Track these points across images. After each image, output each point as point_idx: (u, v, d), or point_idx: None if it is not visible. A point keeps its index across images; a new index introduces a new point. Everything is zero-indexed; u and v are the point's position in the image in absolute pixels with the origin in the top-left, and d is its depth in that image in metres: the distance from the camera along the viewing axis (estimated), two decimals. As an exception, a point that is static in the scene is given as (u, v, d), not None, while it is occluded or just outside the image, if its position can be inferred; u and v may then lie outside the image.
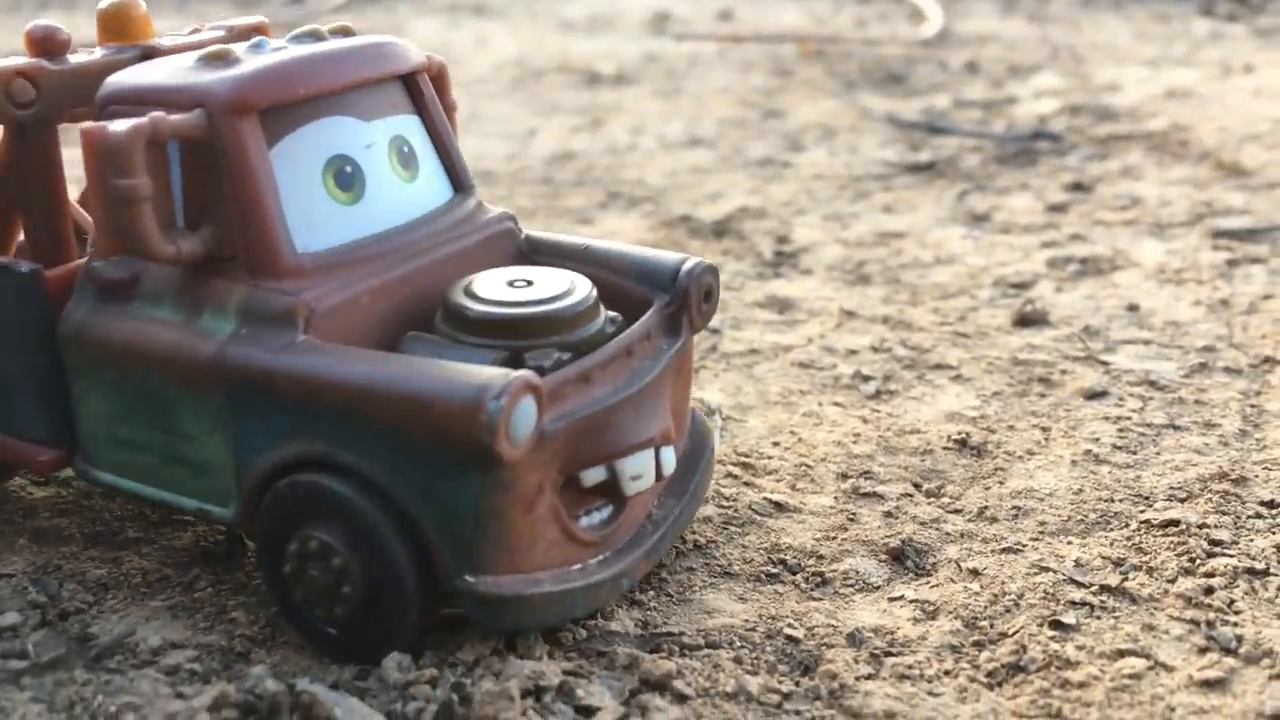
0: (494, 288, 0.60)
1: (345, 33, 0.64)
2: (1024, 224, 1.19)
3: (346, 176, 0.60)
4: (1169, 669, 0.56)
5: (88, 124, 0.54)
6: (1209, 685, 0.55)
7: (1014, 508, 0.70)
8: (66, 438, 0.63)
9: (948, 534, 0.67)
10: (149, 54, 0.66)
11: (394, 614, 0.55)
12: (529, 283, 0.60)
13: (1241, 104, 1.61)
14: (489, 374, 0.52)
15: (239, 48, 0.60)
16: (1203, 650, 0.57)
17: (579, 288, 0.60)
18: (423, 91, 0.65)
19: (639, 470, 0.58)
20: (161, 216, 0.56)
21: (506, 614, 0.55)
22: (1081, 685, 0.55)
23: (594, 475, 0.57)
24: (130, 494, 0.62)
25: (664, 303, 0.64)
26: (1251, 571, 0.63)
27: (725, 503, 0.71)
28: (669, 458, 0.60)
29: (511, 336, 0.58)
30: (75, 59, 0.65)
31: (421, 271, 0.61)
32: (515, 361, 0.57)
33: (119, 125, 0.54)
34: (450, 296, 0.59)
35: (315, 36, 0.62)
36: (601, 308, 0.61)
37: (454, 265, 0.63)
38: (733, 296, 1.02)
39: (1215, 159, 1.37)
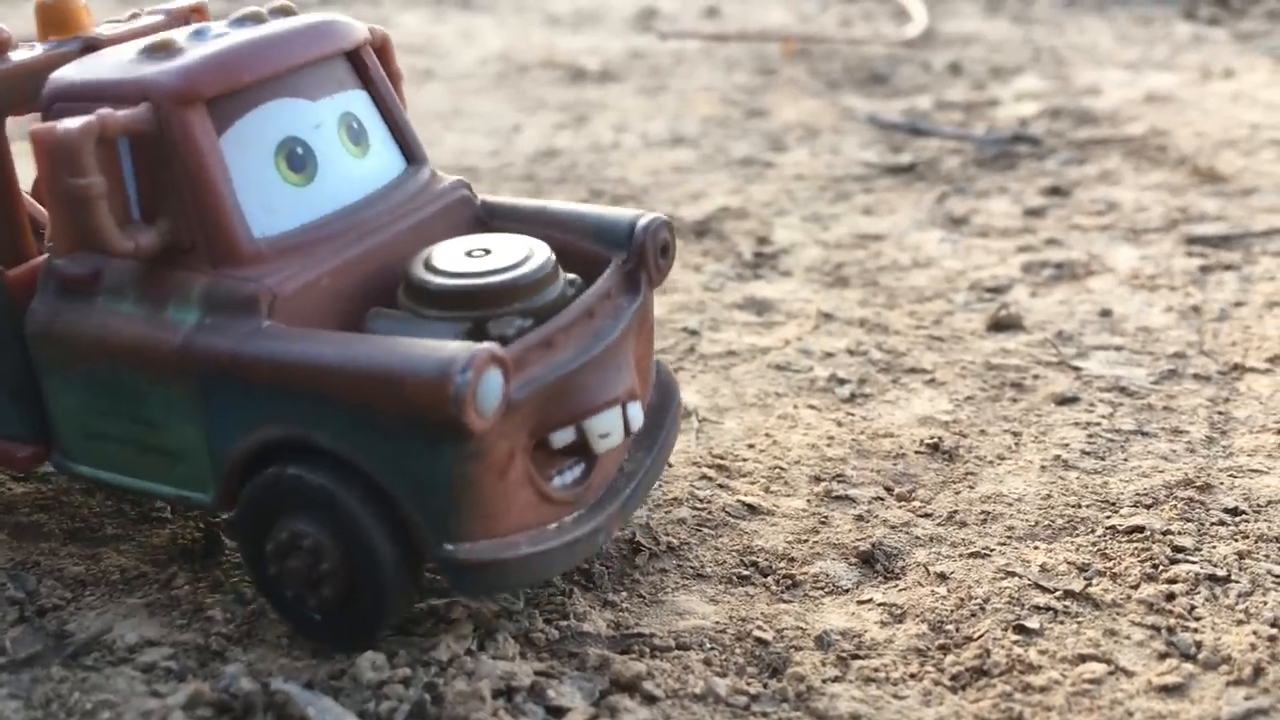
0: (453, 259, 0.61)
1: (285, 12, 0.64)
2: (1001, 228, 1.20)
3: (298, 158, 0.61)
4: (1129, 674, 0.57)
5: (37, 125, 0.55)
6: (1168, 691, 0.56)
7: (983, 512, 0.71)
8: (43, 433, 0.63)
9: (917, 538, 0.68)
10: (90, 45, 0.66)
11: (377, 596, 0.56)
12: (487, 251, 0.61)
13: (1220, 109, 1.62)
14: (453, 349, 0.53)
15: (181, 36, 0.60)
16: (1163, 656, 0.58)
17: (537, 253, 0.61)
18: (368, 65, 0.65)
19: (607, 428, 0.59)
20: (117, 212, 0.56)
21: (486, 578, 0.56)
22: (1043, 689, 0.56)
23: (564, 437, 0.58)
24: (109, 485, 0.63)
25: (621, 260, 0.65)
26: (1213, 578, 0.64)
27: (699, 505, 0.71)
28: (636, 413, 0.61)
29: (473, 307, 0.59)
30: (16, 55, 0.65)
31: (380, 247, 0.62)
32: (479, 331, 0.58)
33: (69, 125, 0.54)
34: (411, 271, 0.60)
35: (256, 19, 0.63)
36: (560, 271, 0.62)
37: (413, 237, 0.63)
38: (712, 298, 1.03)
39: (1192, 165, 1.38)
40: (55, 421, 0.62)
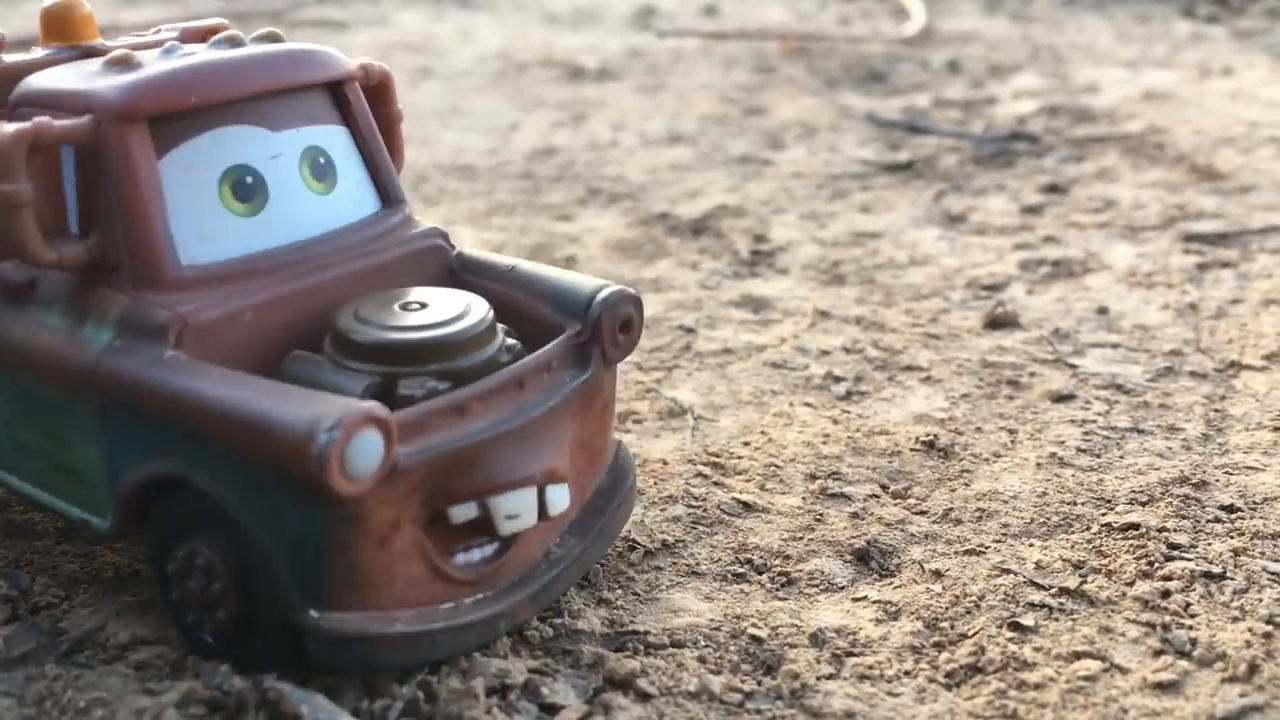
0: (383, 310, 0.58)
1: (271, 39, 0.63)
2: (999, 225, 1.20)
3: (246, 187, 0.59)
4: (1124, 671, 0.57)
5: None
6: (1162, 688, 0.56)
7: (978, 510, 0.71)
8: None
9: (912, 535, 0.68)
10: (88, 55, 0.66)
11: (268, 634, 0.54)
12: (423, 305, 0.58)
13: (1218, 107, 1.62)
14: (327, 405, 0.50)
15: (149, 53, 0.60)
16: (1157, 653, 0.58)
17: (472, 313, 0.58)
18: (350, 101, 0.63)
19: (516, 509, 0.55)
20: (49, 221, 0.55)
21: (352, 654, 0.53)
22: (1037, 686, 0.56)
23: (464, 512, 0.54)
24: (25, 497, 0.62)
25: (574, 332, 0.61)
26: (1208, 575, 0.64)
27: (695, 502, 0.71)
28: (558, 497, 0.57)
29: (389, 363, 0.55)
30: (10, 58, 0.65)
31: (325, 287, 0.59)
32: (387, 389, 0.55)
33: (3, 130, 0.54)
34: (338, 318, 0.58)
35: (233, 43, 0.61)
36: (498, 334, 0.59)
37: (367, 281, 0.61)
38: (708, 296, 1.03)
39: (1190, 162, 1.38)
40: None
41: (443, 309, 0.58)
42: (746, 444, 0.78)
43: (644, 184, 1.34)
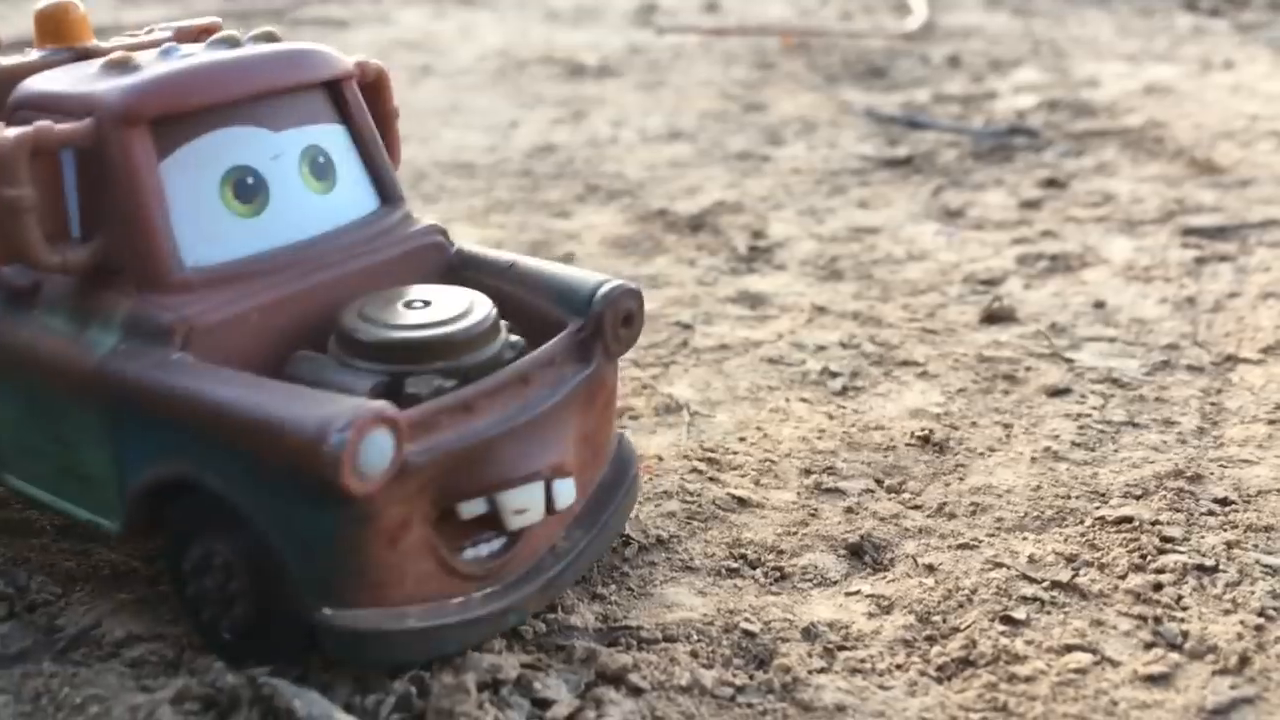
0: (387, 308, 0.58)
1: (268, 39, 0.63)
2: (997, 220, 1.20)
3: (247, 188, 0.59)
4: (1115, 664, 0.57)
5: None
6: (1153, 680, 0.56)
7: (972, 504, 0.71)
8: None
9: (906, 530, 0.69)
10: (83, 56, 0.66)
11: (283, 629, 0.55)
12: (427, 303, 0.59)
13: (1219, 101, 1.62)
14: (338, 405, 0.50)
15: (147, 55, 0.60)
16: (1149, 646, 0.59)
17: (476, 310, 0.58)
18: (348, 100, 0.64)
19: (524, 504, 0.56)
20: (52, 225, 0.55)
21: (366, 649, 0.54)
22: (1028, 680, 0.56)
23: (473, 508, 0.55)
24: (33, 501, 0.62)
25: (576, 327, 0.61)
26: (1201, 568, 0.64)
27: (689, 498, 0.72)
28: (565, 491, 0.58)
29: (394, 361, 0.56)
30: (6, 61, 0.65)
31: (327, 286, 0.59)
32: (394, 388, 0.55)
33: (5, 134, 0.54)
34: (343, 316, 0.58)
35: (231, 43, 0.61)
36: (502, 332, 0.59)
37: (369, 279, 0.61)
38: (706, 292, 1.03)
39: (1189, 156, 1.38)
40: None
41: (447, 307, 0.58)
42: (742, 439, 0.79)
43: (643, 181, 1.35)
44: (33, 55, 0.66)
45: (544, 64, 1.96)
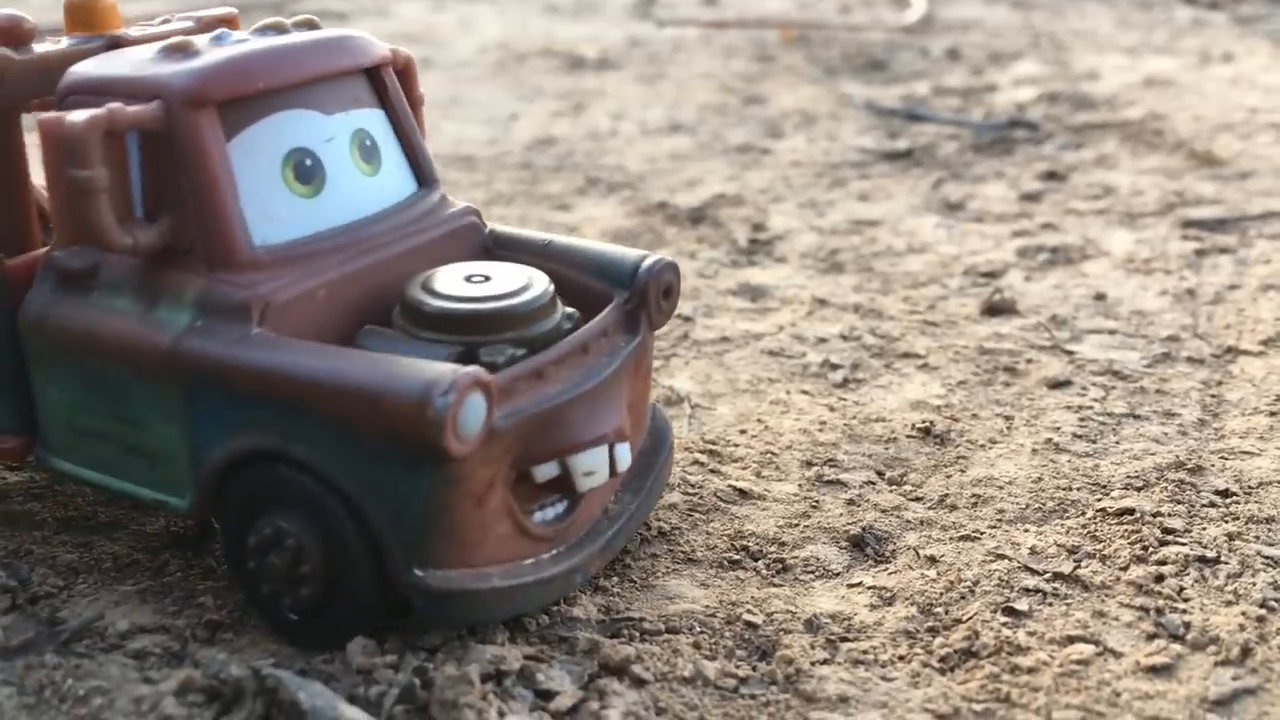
0: (451, 283, 0.60)
1: (309, 25, 0.65)
2: (997, 213, 1.20)
3: (306, 169, 0.60)
4: (1117, 655, 0.57)
5: (45, 115, 0.55)
6: (1155, 671, 0.56)
7: (974, 496, 0.71)
8: (29, 426, 0.63)
9: (908, 521, 0.69)
10: (115, 44, 0.66)
11: (353, 603, 0.56)
12: (487, 278, 0.61)
13: (1218, 93, 1.62)
14: (438, 370, 0.52)
15: (201, 40, 0.61)
16: (1151, 637, 0.59)
17: (536, 284, 0.61)
18: (387, 85, 0.65)
19: (592, 466, 0.58)
20: (119, 207, 0.56)
21: (455, 609, 0.56)
22: (1031, 670, 0.56)
23: (547, 471, 0.57)
24: (89, 483, 0.63)
25: (623, 299, 0.64)
26: (1202, 560, 0.64)
27: (691, 490, 0.72)
28: (624, 454, 0.60)
29: (466, 332, 0.58)
30: (40, 48, 0.65)
31: (381, 265, 0.61)
32: (469, 357, 0.57)
33: (76, 116, 0.54)
34: (408, 291, 0.60)
35: (278, 29, 0.63)
36: (559, 304, 0.62)
37: (415, 259, 0.63)
38: (706, 284, 1.03)
39: (1189, 148, 1.38)
40: (41, 415, 0.62)
41: (508, 281, 0.61)
42: (743, 432, 0.79)
43: (643, 173, 1.35)
44: (64, 43, 0.66)
45: (544, 57, 1.96)
